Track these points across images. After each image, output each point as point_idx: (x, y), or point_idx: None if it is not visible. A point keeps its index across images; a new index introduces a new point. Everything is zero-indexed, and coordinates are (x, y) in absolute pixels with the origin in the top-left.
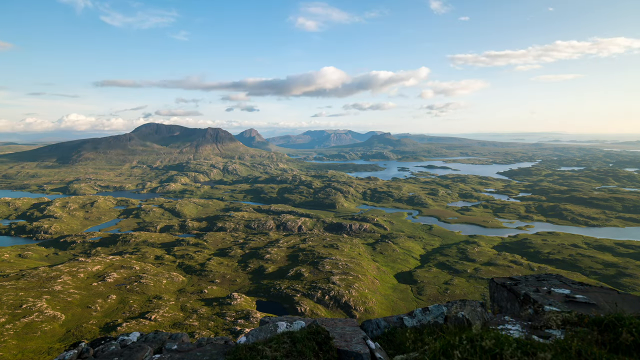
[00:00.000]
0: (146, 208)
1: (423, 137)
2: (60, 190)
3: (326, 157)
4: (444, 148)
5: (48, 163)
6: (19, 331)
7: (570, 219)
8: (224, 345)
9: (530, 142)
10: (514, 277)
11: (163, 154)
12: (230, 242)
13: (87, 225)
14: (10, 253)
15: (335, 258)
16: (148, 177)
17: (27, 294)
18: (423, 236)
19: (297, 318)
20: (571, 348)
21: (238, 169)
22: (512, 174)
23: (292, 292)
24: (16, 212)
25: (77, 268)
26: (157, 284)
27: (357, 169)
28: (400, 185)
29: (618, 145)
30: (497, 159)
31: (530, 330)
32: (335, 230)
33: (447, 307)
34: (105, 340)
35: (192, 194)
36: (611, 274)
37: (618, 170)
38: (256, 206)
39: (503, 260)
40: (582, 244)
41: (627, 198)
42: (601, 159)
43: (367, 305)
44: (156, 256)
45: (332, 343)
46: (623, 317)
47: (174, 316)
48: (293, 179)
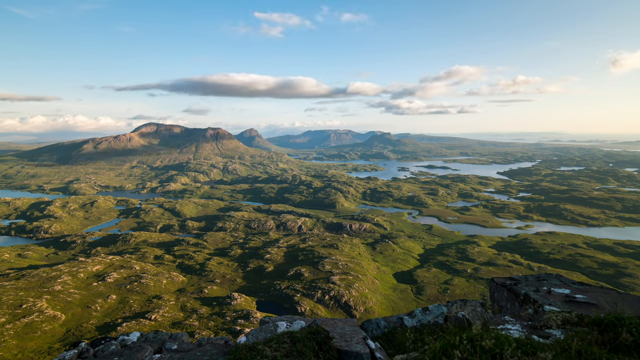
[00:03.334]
0: (146, 208)
1: (423, 137)
2: (60, 190)
3: (326, 157)
4: (444, 148)
5: (48, 163)
6: (19, 331)
7: (570, 218)
8: (224, 345)
9: (530, 142)
10: (514, 277)
11: (163, 153)
12: (230, 242)
13: (87, 225)
14: (10, 253)
15: (335, 258)
16: (148, 177)
17: (27, 294)
18: (423, 236)
19: (297, 318)
20: (571, 348)
21: (238, 168)
22: (512, 174)
23: (292, 292)
24: (16, 212)
25: (77, 268)
26: (157, 283)
27: (357, 169)
28: (400, 185)
29: (618, 145)
30: (497, 159)
31: (530, 330)
32: (335, 230)
33: (447, 307)
34: (105, 340)
35: (192, 194)
36: (611, 273)
37: (618, 170)
38: (256, 206)
39: (503, 260)
40: (582, 243)
41: (626, 198)
42: (601, 159)
43: (367, 305)
44: (156, 256)
45: (332, 343)
46: (623, 317)
47: (174, 316)
48: (293, 178)
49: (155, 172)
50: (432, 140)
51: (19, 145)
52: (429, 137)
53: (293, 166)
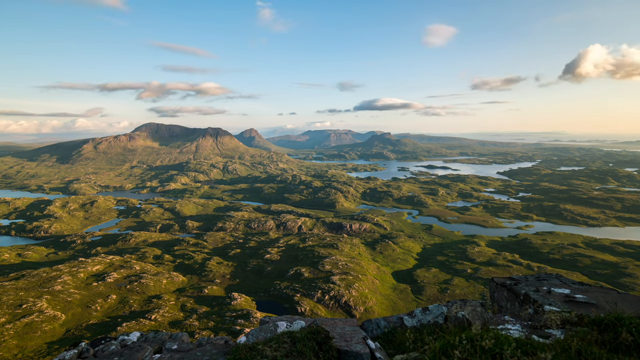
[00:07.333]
0: (146, 208)
1: (423, 137)
2: (60, 190)
3: (326, 157)
4: (444, 148)
5: (48, 163)
6: (19, 331)
7: (570, 218)
8: (224, 345)
9: (530, 142)
10: (513, 277)
11: (163, 153)
12: (230, 241)
13: (87, 225)
14: (10, 253)
15: (335, 258)
16: (148, 176)
17: (27, 293)
18: (423, 236)
19: (297, 318)
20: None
21: (238, 168)
22: (512, 174)
23: (291, 291)
24: (16, 211)
25: (77, 268)
26: (157, 283)
27: (357, 169)
28: (400, 185)
29: (618, 145)
30: (497, 159)
31: (530, 330)
32: (335, 230)
33: (447, 307)
34: (105, 340)
35: (192, 194)
36: (611, 273)
37: (618, 170)
38: (256, 206)
39: (503, 260)
40: (582, 243)
41: (626, 198)
42: (601, 159)
43: (367, 305)
44: (156, 256)
45: (332, 343)
46: (623, 317)
47: (174, 316)
48: (293, 178)
49: (155, 172)
50: (432, 140)
51: (19, 145)
52: (429, 137)
53: (293, 166)
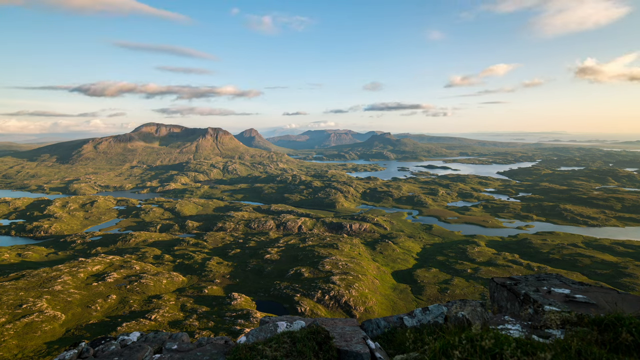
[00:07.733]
0: (146, 208)
1: (423, 137)
2: (60, 190)
3: (326, 157)
4: (444, 148)
5: (48, 163)
6: (19, 331)
7: (570, 218)
8: (224, 345)
9: (530, 142)
10: (513, 277)
11: (163, 153)
12: (230, 241)
13: (87, 225)
14: (10, 253)
15: (335, 258)
16: (148, 176)
17: (27, 293)
18: (423, 236)
19: (297, 318)
20: (571, 348)
21: (238, 168)
22: (512, 174)
23: (291, 291)
24: (16, 211)
25: (77, 268)
26: (157, 283)
27: (357, 169)
28: (400, 185)
29: (618, 145)
30: (497, 159)
31: (530, 330)
32: (335, 230)
33: (447, 307)
34: (105, 340)
35: (192, 194)
36: (611, 273)
37: (618, 170)
38: (256, 206)
39: (503, 260)
40: (582, 243)
41: (626, 198)
42: (601, 159)
43: (367, 305)
44: (156, 256)
45: (332, 343)
46: (623, 317)
47: (174, 316)
48: (293, 178)
49: (155, 172)
50: (432, 140)
51: (19, 145)
52: (429, 137)
53: (293, 166)
